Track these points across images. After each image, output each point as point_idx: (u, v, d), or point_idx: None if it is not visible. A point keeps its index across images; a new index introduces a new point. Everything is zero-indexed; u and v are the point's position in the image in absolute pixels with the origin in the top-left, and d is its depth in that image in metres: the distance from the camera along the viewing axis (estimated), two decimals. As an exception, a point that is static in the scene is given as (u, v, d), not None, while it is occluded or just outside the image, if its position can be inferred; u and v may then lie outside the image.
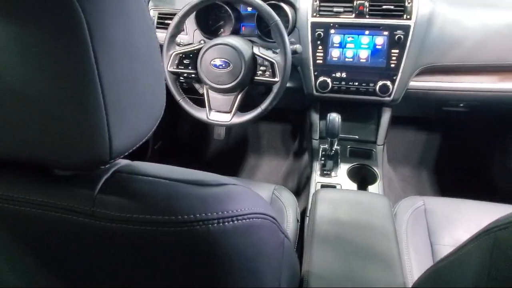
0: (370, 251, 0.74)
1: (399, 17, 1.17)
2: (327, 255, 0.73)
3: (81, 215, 0.36)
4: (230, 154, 1.92)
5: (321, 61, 1.23)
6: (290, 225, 1.03)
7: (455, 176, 1.69)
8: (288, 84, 1.31)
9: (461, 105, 1.28)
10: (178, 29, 1.12)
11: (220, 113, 1.15)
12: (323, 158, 1.23)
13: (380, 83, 1.20)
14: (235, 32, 1.30)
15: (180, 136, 1.92)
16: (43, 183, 0.38)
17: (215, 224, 0.35)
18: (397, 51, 1.18)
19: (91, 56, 0.31)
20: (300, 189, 1.57)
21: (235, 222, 0.36)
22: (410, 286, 0.69)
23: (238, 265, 0.38)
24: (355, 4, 1.20)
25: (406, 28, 1.16)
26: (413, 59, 1.18)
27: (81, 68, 0.31)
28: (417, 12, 1.16)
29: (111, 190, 0.37)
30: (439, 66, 1.20)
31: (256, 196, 0.42)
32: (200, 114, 1.17)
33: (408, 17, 1.16)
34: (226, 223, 0.36)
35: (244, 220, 0.37)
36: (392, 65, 1.19)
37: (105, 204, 0.35)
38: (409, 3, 1.16)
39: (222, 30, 1.35)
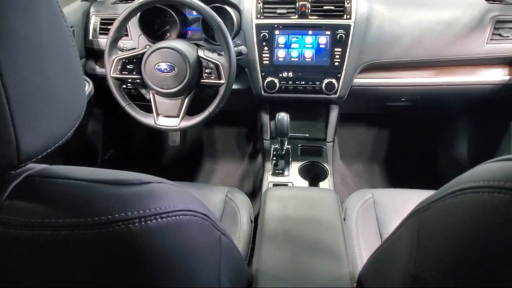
0: (317, 245, 0.75)
1: (340, 17, 1.21)
2: (275, 252, 0.73)
3: None
4: (185, 160, 1.90)
5: (267, 62, 1.25)
6: (243, 226, 1.02)
7: (404, 168, 1.76)
8: (237, 86, 1.32)
9: (403, 99, 1.34)
10: (120, 33, 1.09)
11: (168, 117, 1.13)
12: (274, 158, 1.24)
13: (325, 81, 1.23)
14: (182, 36, 1.29)
15: (133, 145, 1.87)
16: None
17: (136, 224, 0.34)
18: (339, 49, 1.22)
19: None
20: (256, 190, 1.58)
21: (159, 220, 0.35)
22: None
23: (167, 264, 0.37)
24: (297, 5, 1.23)
25: (346, 27, 1.20)
26: (356, 57, 1.22)
27: None
28: (356, 12, 1.20)
29: (21, 195, 0.34)
30: (380, 63, 1.25)
31: (184, 194, 0.42)
32: (147, 119, 1.14)
33: (348, 16, 1.21)
34: (149, 222, 0.35)
35: (169, 218, 0.36)
36: (336, 63, 1.22)
37: (13, 211, 0.33)
38: (348, 3, 1.21)
39: (168, 34, 1.33)
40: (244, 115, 1.85)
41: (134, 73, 1.11)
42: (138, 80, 1.12)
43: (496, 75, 1.25)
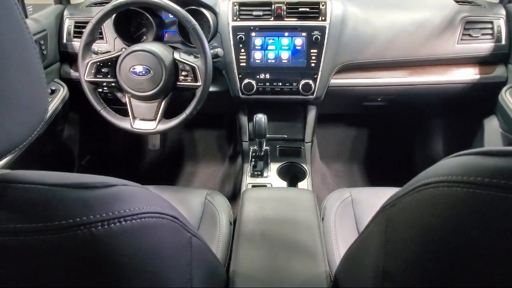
0: (294, 245, 0.75)
1: (315, 18, 1.23)
2: (252, 253, 0.73)
3: None
4: (166, 164, 1.88)
5: (244, 64, 1.25)
6: (223, 228, 1.02)
7: (383, 166, 1.79)
8: (215, 89, 1.32)
9: (379, 99, 1.37)
10: (93, 36, 1.08)
11: (144, 121, 1.12)
12: (253, 159, 1.25)
13: (302, 82, 1.25)
14: (158, 39, 1.28)
15: (111, 149, 1.85)
16: None
17: (99, 227, 0.33)
18: (315, 50, 1.23)
19: None
20: (236, 192, 1.58)
21: (123, 223, 0.35)
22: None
23: (133, 267, 0.37)
24: (273, 7, 1.23)
25: (322, 29, 1.22)
26: (331, 58, 1.24)
27: None
28: (331, 13, 1.22)
29: None
30: (355, 63, 1.27)
31: (151, 196, 0.41)
32: (123, 123, 1.13)
33: (323, 18, 1.22)
34: (112, 225, 0.34)
35: (133, 221, 0.36)
36: (312, 64, 1.24)
37: None
38: (323, 5, 1.22)
39: (144, 37, 1.32)
40: (224, 117, 1.85)
41: (109, 76, 1.10)
42: (113, 84, 1.11)
43: (467, 74, 1.28)
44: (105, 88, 1.22)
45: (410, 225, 0.41)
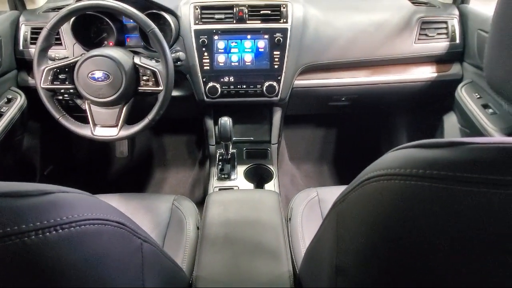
0: (257, 246, 0.75)
1: (277, 21, 1.24)
2: (215, 257, 0.72)
3: None
4: (135, 171, 1.85)
5: (208, 67, 1.25)
6: (190, 234, 1.01)
7: (351, 165, 1.82)
8: (180, 93, 1.30)
9: (343, 99, 1.39)
10: (48, 42, 1.05)
11: (106, 127, 1.10)
12: (220, 163, 1.24)
13: (266, 84, 1.25)
14: (120, 43, 1.26)
15: (76, 158, 1.79)
16: None
17: (33, 237, 0.32)
18: (278, 52, 1.24)
19: None
20: (205, 197, 1.57)
21: (60, 231, 0.34)
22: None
23: (76, 276, 0.36)
24: (235, 10, 1.24)
25: (284, 31, 1.23)
26: (294, 59, 1.25)
27: None
28: (292, 15, 1.23)
29: None
30: (318, 64, 1.29)
31: (94, 203, 0.40)
32: (83, 130, 1.10)
33: (285, 20, 1.23)
34: (47, 234, 0.33)
35: (72, 229, 0.35)
36: (276, 66, 1.25)
37: None
38: (284, 8, 1.23)
39: (105, 42, 1.29)
40: (193, 122, 1.83)
41: (67, 83, 1.07)
42: (71, 90, 1.08)
43: (425, 73, 1.33)
44: (65, 95, 1.18)
45: (357, 220, 0.42)
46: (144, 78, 1.08)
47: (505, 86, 0.35)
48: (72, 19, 1.18)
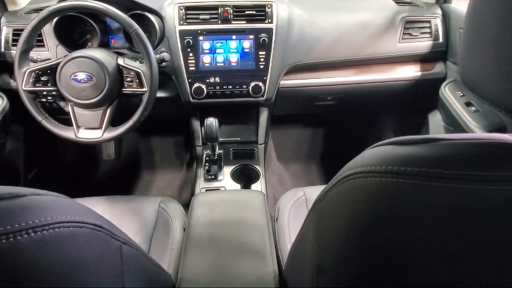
0: (242, 246, 0.75)
1: (262, 21, 1.24)
2: (199, 258, 0.72)
3: None
4: (122, 174, 1.83)
5: (193, 68, 1.24)
6: (176, 235, 1.00)
7: (339, 164, 1.82)
8: (166, 94, 1.30)
9: (329, 98, 1.40)
10: (30, 44, 1.03)
11: (89, 130, 1.09)
12: (207, 164, 1.23)
13: (252, 84, 1.25)
14: (104, 45, 1.25)
15: (61, 161, 1.77)
16: None
17: (4, 241, 0.31)
18: (264, 53, 1.24)
19: None
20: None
21: (32, 235, 0.33)
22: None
23: (51, 280, 0.35)
24: (220, 10, 1.23)
25: (269, 31, 1.23)
26: (280, 59, 1.26)
27: None
28: (277, 16, 1.23)
29: None
30: (304, 64, 1.29)
31: (70, 205, 0.40)
32: (67, 133, 1.09)
33: (270, 20, 1.23)
34: (19, 238, 0.32)
35: (45, 232, 0.34)
36: (261, 66, 1.25)
37: None
38: (269, 8, 1.23)
39: (89, 43, 1.28)
40: (180, 123, 1.82)
41: (49, 85, 1.05)
42: (54, 93, 1.06)
43: (409, 72, 1.34)
44: (48, 97, 1.17)
45: (336, 218, 0.42)
46: (128, 79, 1.07)
47: (478, 83, 0.35)
48: (55, 20, 1.16)
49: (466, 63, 0.37)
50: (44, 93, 1.07)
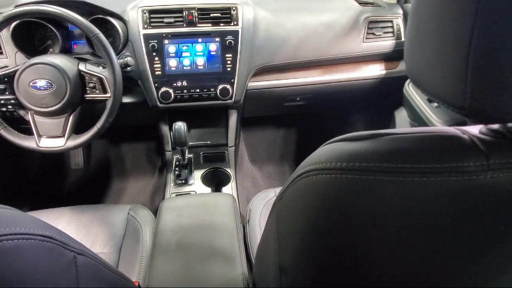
0: (211, 250, 0.74)
1: (227, 23, 1.23)
2: (167, 264, 0.71)
3: None
4: (92, 182, 1.78)
5: (159, 72, 1.22)
6: (146, 243, 0.99)
7: None
8: (133, 99, 1.27)
9: (298, 99, 1.41)
10: (-17, 51, 0.99)
11: (52, 138, 1.05)
12: (177, 168, 1.22)
13: (220, 87, 1.24)
14: (66, 51, 1.21)
15: (27, 172, 1.71)
16: None
17: None
18: (230, 55, 1.24)
19: None
20: None
21: None
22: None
23: None
24: (184, 14, 1.22)
25: (235, 33, 1.23)
26: (247, 61, 1.25)
27: None
28: (243, 18, 1.23)
29: None
30: (271, 65, 1.30)
31: (17, 217, 0.38)
32: (28, 142, 1.05)
33: (235, 23, 1.23)
34: None
35: None
36: (228, 69, 1.24)
37: None
38: (234, 10, 1.23)
39: (51, 50, 1.24)
40: (151, 129, 1.79)
41: (7, 93, 1.01)
42: (12, 101, 1.02)
43: (374, 70, 1.37)
44: (8, 106, 1.12)
45: (292, 217, 0.42)
46: (91, 85, 1.04)
47: (422, 79, 0.36)
48: (12, 26, 1.12)
49: (410, 60, 0.38)
50: (2, 102, 1.03)
